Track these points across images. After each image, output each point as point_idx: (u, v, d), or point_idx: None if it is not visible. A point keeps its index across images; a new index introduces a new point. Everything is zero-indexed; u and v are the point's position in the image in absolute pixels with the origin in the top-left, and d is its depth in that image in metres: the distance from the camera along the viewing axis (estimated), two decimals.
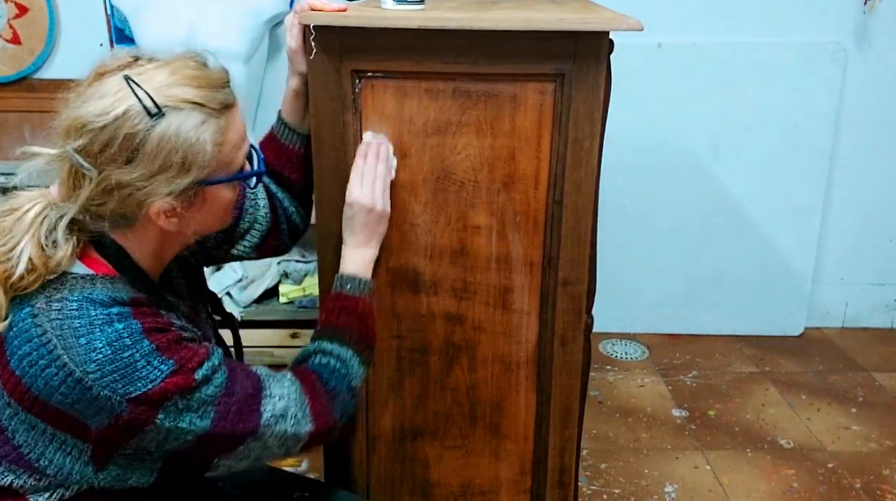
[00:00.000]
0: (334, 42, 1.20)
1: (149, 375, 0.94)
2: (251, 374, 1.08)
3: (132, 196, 0.96)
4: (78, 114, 0.95)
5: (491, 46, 1.19)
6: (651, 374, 2.74)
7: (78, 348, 0.93)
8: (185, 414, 0.98)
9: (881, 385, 2.69)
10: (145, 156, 0.94)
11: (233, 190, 1.07)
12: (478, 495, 1.48)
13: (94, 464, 1.00)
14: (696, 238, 2.91)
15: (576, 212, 1.28)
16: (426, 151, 1.27)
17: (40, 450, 0.99)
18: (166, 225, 1.01)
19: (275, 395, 1.07)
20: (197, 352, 1.00)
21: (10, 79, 2.70)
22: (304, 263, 2.79)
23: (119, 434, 0.97)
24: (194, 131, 0.96)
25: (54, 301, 0.96)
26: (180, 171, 0.96)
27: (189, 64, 0.99)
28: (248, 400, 1.04)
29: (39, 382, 0.94)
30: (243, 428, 1.03)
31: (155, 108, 0.94)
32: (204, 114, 0.97)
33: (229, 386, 1.03)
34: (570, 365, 1.38)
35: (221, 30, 2.43)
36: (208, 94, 0.98)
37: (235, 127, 1.03)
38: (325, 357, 1.17)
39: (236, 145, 1.03)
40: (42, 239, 0.97)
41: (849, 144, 2.86)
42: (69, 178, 0.97)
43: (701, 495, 2.12)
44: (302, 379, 1.13)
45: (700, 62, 2.73)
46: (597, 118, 1.23)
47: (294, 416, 1.08)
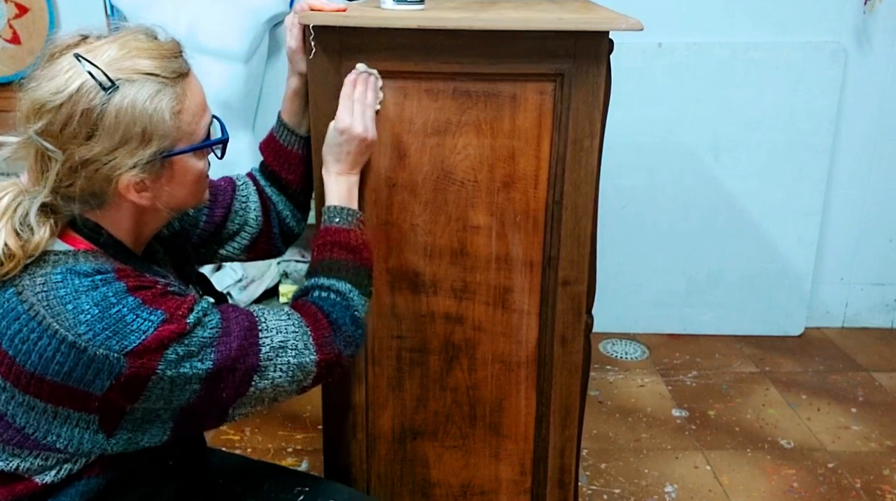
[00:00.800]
0: (334, 42, 1.20)
1: (140, 326, 0.95)
2: (245, 312, 1.07)
3: (99, 171, 0.96)
4: (34, 96, 0.95)
5: (491, 46, 1.19)
6: (651, 374, 2.74)
7: (66, 314, 0.93)
8: (186, 361, 0.98)
9: (881, 385, 2.69)
10: (105, 129, 0.95)
11: (201, 160, 1.07)
12: (478, 495, 1.48)
13: (104, 431, 1.00)
14: (695, 238, 2.91)
15: (576, 212, 1.28)
16: (426, 151, 1.27)
17: (45, 428, 0.99)
18: (138, 199, 1.01)
19: (272, 328, 1.07)
20: (185, 300, 1.01)
21: (10, 79, 2.70)
22: (304, 263, 2.79)
23: (123, 394, 0.96)
24: (150, 101, 0.96)
25: (37, 276, 0.96)
26: (141, 142, 0.96)
27: (138, 37, 1.01)
28: (245, 335, 1.04)
29: (34, 357, 0.94)
30: (246, 366, 1.03)
31: (108, 82, 0.94)
32: (158, 83, 0.97)
33: (225, 326, 1.03)
34: (570, 365, 1.38)
35: (221, 30, 2.43)
36: (160, 64, 0.98)
37: (193, 95, 1.02)
38: (324, 291, 1.15)
39: (196, 114, 1.03)
40: (17, 226, 0.97)
41: (849, 144, 2.86)
42: (36, 163, 0.98)
43: (701, 495, 2.12)
44: (301, 310, 1.12)
45: (700, 62, 2.73)
46: (597, 118, 1.23)
47: (294, 346, 1.07)
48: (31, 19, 2.67)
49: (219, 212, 1.29)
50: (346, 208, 1.22)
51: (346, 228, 1.20)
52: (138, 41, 1.00)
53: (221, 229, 1.30)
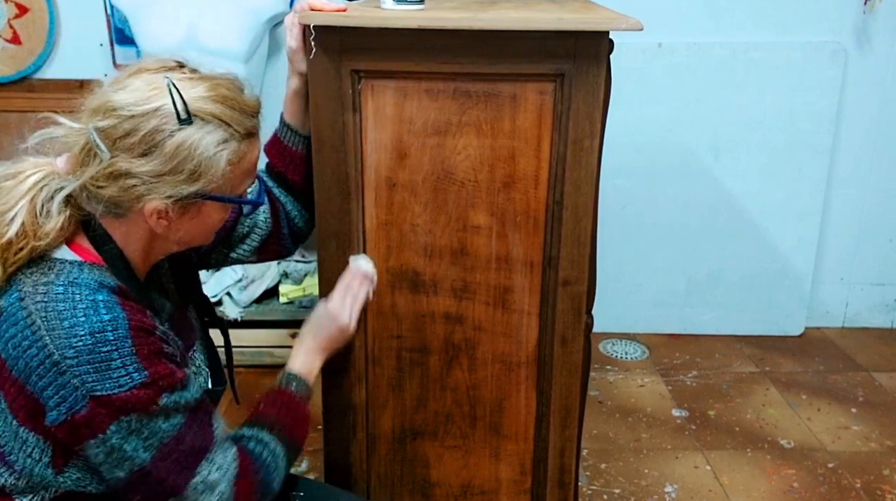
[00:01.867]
0: (334, 42, 1.20)
1: (119, 378, 0.94)
2: (207, 431, 1.05)
3: (134, 188, 0.97)
4: (111, 97, 0.98)
5: (491, 46, 1.19)
6: (651, 374, 2.74)
7: (61, 331, 0.94)
8: (133, 437, 0.97)
9: (881, 385, 2.69)
10: (161, 155, 0.97)
11: (224, 212, 1.09)
12: (478, 495, 1.48)
13: (53, 466, 1.00)
14: (695, 238, 2.91)
15: (576, 212, 1.28)
16: (426, 151, 1.27)
17: (11, 445, 1.00)
18: (154, 225, 1.02)
19: (215, 463, 1.05)
20: (173, 374, 1.00)
21: (10, 79, 2.70)
22: (304, 263, 2.79)
23: (71, 433, 0.96)
24: (214, 147, 0.99)
25: (40, 285, 0.97)
26: (188, 179, 0.99)
27: (227, 85, 1.03)
28: (191, 454, 1.02)
29: (20, 363, 0.95)
30: (173, 482, 1.01)
31: (186, 114, 0.97)
32: (228, 133, 1.00)
33: (181, 433, 1.01)
34: (570, 365, 1.38)
35: (221, 30, 2.43)
36: (238, 117, 1.01)
37: (252, 155, 1.06)
38: (261, 446, 1.13)
39: (247, 172, 1.07)
40: (38, 206, 0.98)
41: (849, 144, 2.86)
42: (80, 154, 0.99)
43: (701, 495, 2.12)
44: (241, 460, 1.09)
45: (700, 62, 2.73)
46: (597, 118, 1.23)
47: (221, 493, 1.04)
48: (31, 19, 2.67)
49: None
50: (305, 382, 1.23)
51: (298, 398, 1.21)
52: (226, 88, 1.02)
53: (232, 232, 1.31)
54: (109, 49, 2.72)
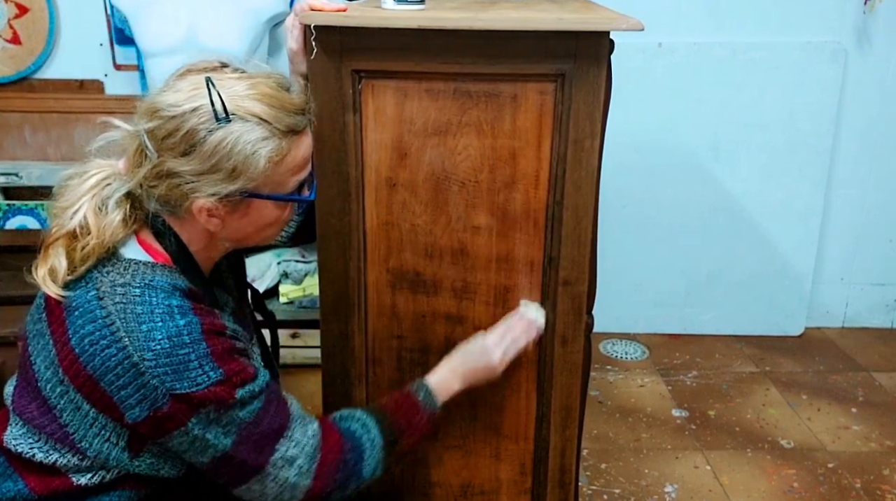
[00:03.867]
0: (335, 42, 1.20)
1: (197, 378, 0.99)
2: (283, 411, 1.10)
3: (179, 187, 1.01)
4: (156, 99, 1.02)
5: (491, 46, 1.19)
6: (651, 374, 2.74)
7: (139, 334, 0.98)
8: (213, 427, 1.02)
9: (881, 385, 2.69)
10: (201, 153, 0.99)
11: (280, 210, 1.10)
12: (478, 495, 1.48)
13: (129, 451, 1.04)
14: (696, 238, 2.91)
15: (576, 212, 1.28)
16: (426, 151, 1.27)
17: (82, 433, 1.03)
18: (206, 223, 1.05)
19: (293, 439, 1.09)
20: (245, 369, 1.04)
21: (10, 79, 2.70)
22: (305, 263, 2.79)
23: (153, 427, 1.00)
24: (252, 145, 1.00)
25: (118, 285, 1.01)
26: (228, 177, 1.01)
27: (270, 83, 1.04)
28: (270, 434, 1.07)
29: (97, 361, 0.98)
30: (254, 461, 1.06)
31: (223, 113, 0.98)
32: (268, 131, 1.01)
33: (258, 417, 1.06)
34: (570, 365, 1.38)
35: (221, 30, 2.42)
36: (278, 115, 1.02)
37: (297, 153, 1.06)
38: (363, 430, 1.17)
39: (293, 170, 1.07)
40: (99, 203, 1.03)
41: (849, 144, 2.86)
42: (134, 155, 1.03)
43: (701, 495, 2.12)
44: (326, 434, 1.13)
45: (700, 62, 2.73)
46: (597, 118, 1.23)
47: (300, 466, 1.09)
48: (31, 19, 2.67)
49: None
50: (434, 397, 1.25)
51: (421, 407, 1.23)
52: (268, 86, 1.03)
53: None
54: (109, 49, 2.72)
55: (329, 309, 1.36)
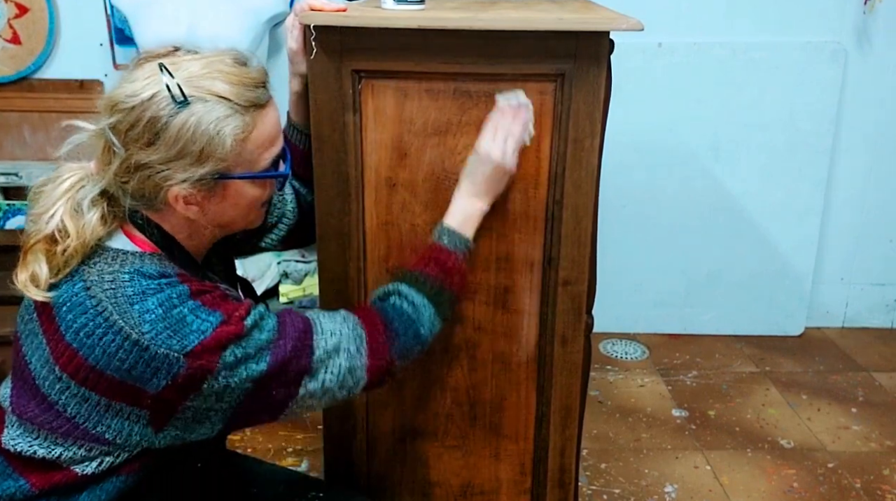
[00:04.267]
0: (334, 42, 1.20)
1: (199, 327, 0.98)
2: (300, 316, 1.10)
3: (150, 178, 1.00)
4: (114, 94, 1.01)
5: (491, 46, 1.19)
6: (651, 374, 2.74)
7: (132, 313, 0.97)
8: (242, 363, 1.01)
9: (881, 385, 2.69)
10: (165, 140, 0.98)
11: (259, 188, 1.09)
12: (478, 495, 1.48)
13: (153, 426, 1.02)
14: (696, 238, 2.91)
15: (576, 212, 1.28)
16: (426, 151, 1.27)
17: (97, 419, 1.01)
18: (185, 211, 1.04)
19: (326, 331, 1.09)
20: (242, 304, 1.04)
21: (10, 79, 2.70)
22: (304, 263, 2.79)
23: (179, 392, 0.99)
24: (215, 124, 0.99)
25: (106, 274, 1.00)
26: (197, 160, 0.99)
27: (225, 60, 1.03)
28: (300, 337, 1.06)
29: (97, 351, 0.97)
30: (298, 367, 1.05)
31: (181, 96, 0.97)
32: (229, 108, 1.00)
33: (281, 329, 1.05)
34: (570, 365, 1.38)
35: (221, 30, 2.42)
36: (237, 90, 1.01)
37: (264, 127, 1.05)
38: (399, 299, 1.17)
39: (262, 145, 1.05)
40: (74, 205, 1.02)
41: (849, 144, 2.86)
42: (103, 154, 1.03)
43: (701, 495, 2.12)
44: (362, 314, 1.14)
45: (700, 62, 2.73)
46: (597, 118, 1.23)
47: (347, 350, 1.09)
48: (31, 19, 2.67)
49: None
50: (458, 233, 1.23)
51: (449, 250, 1.21)
52: (224, 64, 1.02)
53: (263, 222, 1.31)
54: (109, 49, 2.72)
55: (329, 309, 1.36)
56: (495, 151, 1.20)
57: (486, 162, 1.21)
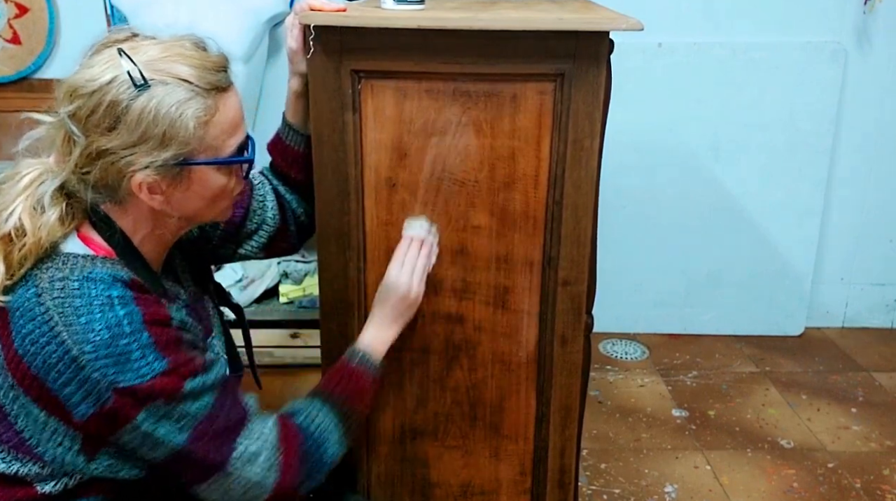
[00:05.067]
0: (334, 42, 1.20)
1: (140, 369, 0.95)
2: (239, 406, 1.08)
3: (114, 165, 0.97)
4: (71, 80, 0.98)
5: (491, 46, 1.19)
6: (651, 374, 2.74)
7: (77, 326, 0.94)
8: (165, 422, 0.98)
9: (881, 385, 2.69)
10: (126, 125, 0.96)
11: (224, 176, 1.06)
12: (478, 495, 1.48)
13: (85, 454, 1.00)
14: (696, 238, 2.91)
15: (576, 212, 1.28)
16: (426, 151, 1.27)
17: (37, 438, 0.99)
18: (150, 201, 1.01)
19: (254, 434, 1.07)
20: (193, 361, 1.01)
21: (10, 79, 2.70)
22: (304, 263, 2.78)
23: (102, 424, 0.97)
24: (176, 106, 0.96)
25: (56, 280, 0.97)
26: (160, 145, 0.97)
27: (185, 44, 1.01)
28: (227, 430, 1.04)
29: (39, 360, 0.95)
30: (214, 459, 1.03)
31: (141, 80, 0.95)
32: (190, 91, 0.97)
33: (214, 411, 1.02)
34: (570, 365, 1.38)
35: (221, 30, 2.42)
36: (198, 73, 0.98)
37: (226, 111, 1.02)
38: (311, 419, 1.16)
39: (226, 130, 1.03)
40: (34, 202, 1.00)
41: (849, 144, 2.86)
42: (63, 145, 1.00)
43: (701, 495, 2.12)
44: (284, 428, 1.12)
45: (700, 62, 2.73)
46: (597, 118, 1.23)
47: (264, 462, 1.07)
48: (31, 19, 2.67)
49: (238, 212, 1.29)
50: (370, 357, 1.24)
51: (360, 371, 1.22)
52: (183, 48, 1.00)
53: (241, 229, 1.31)
54: None
55: (329, 309, 1.36)
56: (402, 284, 1.25)
57: (395, 293, 1.25)
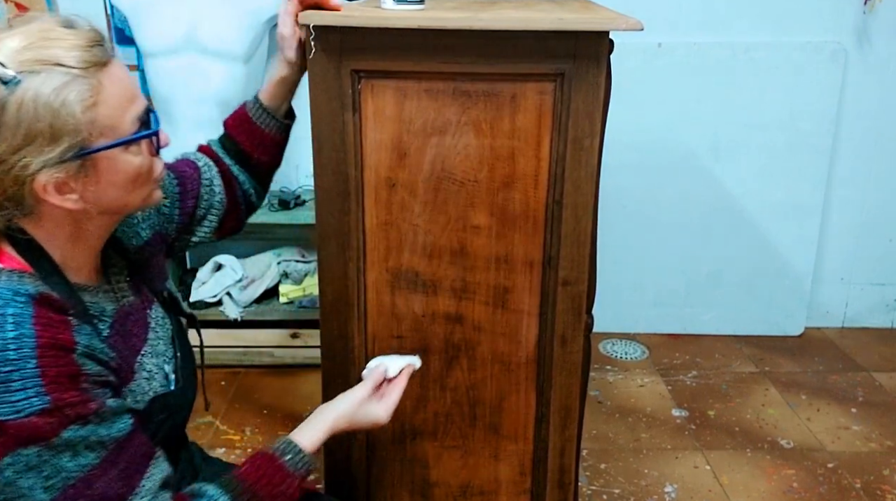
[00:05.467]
0: (334, 42, 1.20)
1: (17, 403, 0.84)
2: (127, 483, 0.92)
3: (8, 173, 0.88)
4: None
5: (490, 46, 1.19)
6: (651, 374, 2.74)
7: None
8: (32, 474, 0.86)
9: (881, 385, 2.69)
10: (7, 126, 0.86)
11: (133, 156, 0.95)
12: (478, 495, 1.48)
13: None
14: (696, 237, 2.91)
15: (576, 212, 1.28)
16: (426, 151, 1.27)
17: None
18: (61, 202, 0.91)
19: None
20: (85, 404, 0.88)
21: None
22: (304, 263, 2.79)
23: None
24: (56, 94, 0.86)
25: None
26: (50, 140, 0.87)
27: (45, 27, 0.90)
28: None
29: None
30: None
31: (8, 75, 0.85)
32: (66, 74, 0.87)
33: (91, 475, 0.89)
34: (569, 365, 1.38)
35: (221, 30, 2.43)
36: (70, 53, 0.88)
37: (113, 86, 0.91)
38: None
39: (118, 106, 0.92)
40: None
41: (849, 144, 2.86)
42: None
43: (701, 495, 2.12)
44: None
45: (700, 62, 2.73)
46: (597, 118, 1.23)
47: None
48: None
49: (190, 202, 1.25)
50: (306, 456, 1.08)
51: (288, 472, 1.05)
52: (44, 31, 0.89)
53: (192, 217, 1.26)
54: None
55: (329, 309, 1.36)
56: (384, 420, 1.18)
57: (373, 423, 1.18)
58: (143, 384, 1.02)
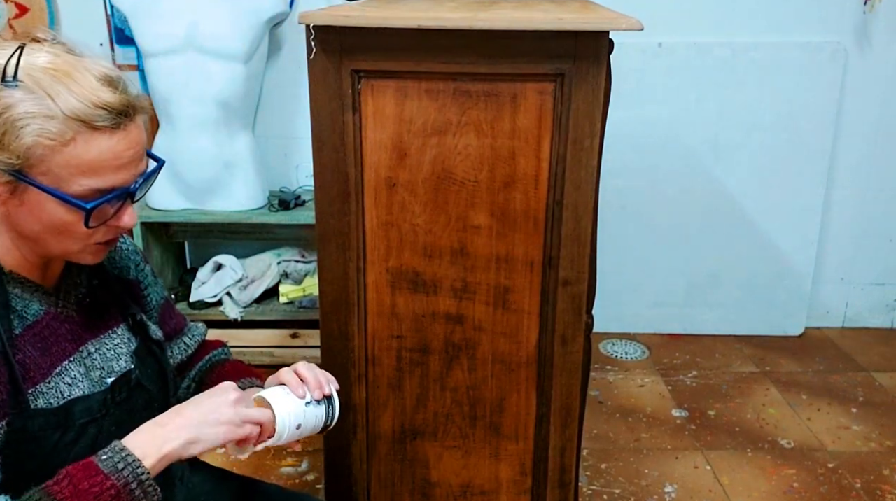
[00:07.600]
0: (334, 42, 1.20)
1: None
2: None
3: None
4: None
5: (491, 46, 1.19)
6: (651, 374, 2.74)
7: None
8: None
9: (881, 385, 2.69)
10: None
11: (65, 212, 0.92)
12: (478, 495, 1.48)
13: None
14: (696, 238, 2.91)
15: (576, 212, 1.28)
16: (426, 151, 1.27)
17: None
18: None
19: None
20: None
21: None
22: (304, 263, 2.79)
23: None
24: (24, 115, 0.86)
25: None
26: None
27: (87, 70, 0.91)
28: None
29: None
30: None
31: (11, 76, 0.87)
32: (49, 110, 0.87)
33: None
34: (570, 365, 1.38)
35: (221, 30, 2.43)
36: (70, 98, 0.88)
37: (88, 151, 0.89)
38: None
39: (78, 167, 0.90)
40: None
41: (849, 144, 2.86)
42: None
43: (701, 495, 2.11)
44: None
45: (700, 62, 2.73)
46: (597, 118, 1.23)
47: None
48: (31, 19, 2.67)
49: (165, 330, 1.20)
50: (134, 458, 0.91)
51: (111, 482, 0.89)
52: (80, 72, 0.90)
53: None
54: (109, 49, 2.72)
55: (329, 309, 1.36)
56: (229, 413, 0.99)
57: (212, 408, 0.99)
58: (63, 387, 0.98)
